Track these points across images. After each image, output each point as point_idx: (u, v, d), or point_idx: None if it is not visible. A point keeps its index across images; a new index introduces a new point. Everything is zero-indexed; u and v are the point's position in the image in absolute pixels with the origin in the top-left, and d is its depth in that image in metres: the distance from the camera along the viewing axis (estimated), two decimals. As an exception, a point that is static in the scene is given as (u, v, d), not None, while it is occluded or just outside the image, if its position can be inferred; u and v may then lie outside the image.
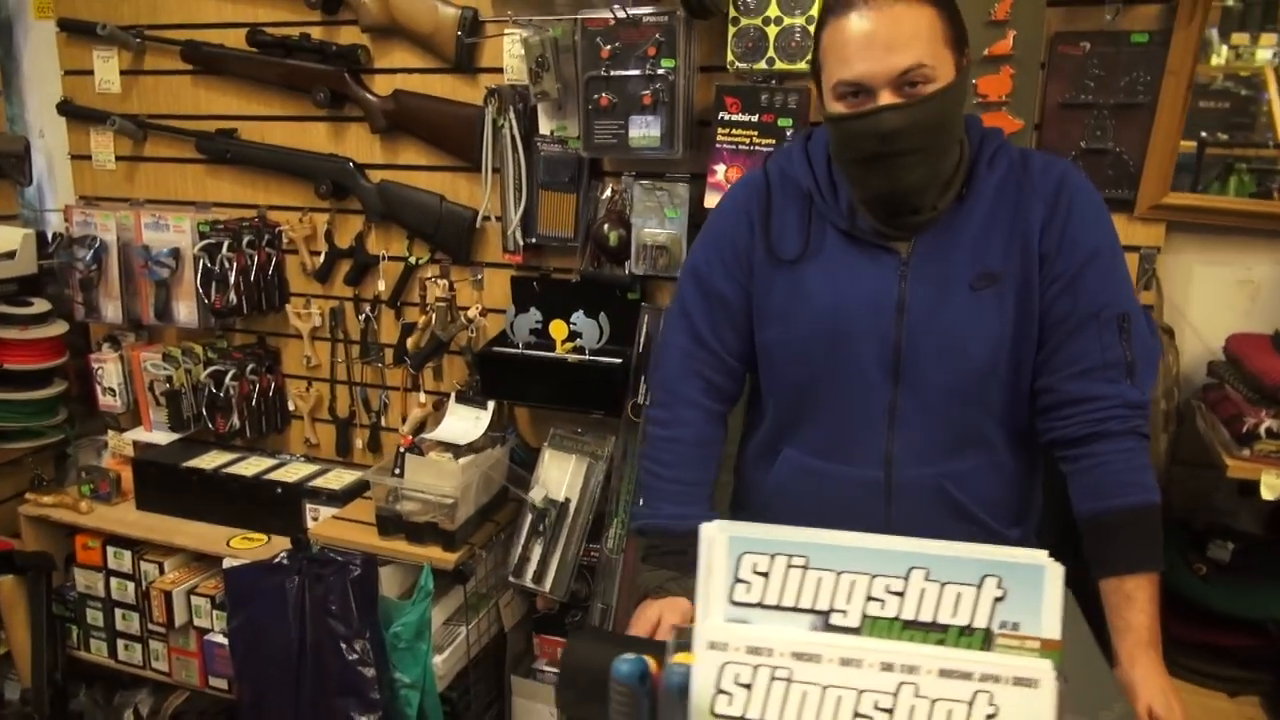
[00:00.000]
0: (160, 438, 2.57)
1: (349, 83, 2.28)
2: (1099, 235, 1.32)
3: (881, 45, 1.20)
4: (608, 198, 2.10)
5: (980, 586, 0.65)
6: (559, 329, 2.12)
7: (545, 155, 2.12)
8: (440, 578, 2.06)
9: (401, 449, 2.09)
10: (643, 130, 1.97)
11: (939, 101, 1.22)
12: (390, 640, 2.01)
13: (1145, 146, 1.79)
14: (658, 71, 1.94)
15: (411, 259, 2.36)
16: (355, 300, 2.45)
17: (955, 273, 1.32)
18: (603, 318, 2.09)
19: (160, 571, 2.42)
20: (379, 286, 2.41)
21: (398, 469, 2.08)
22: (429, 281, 2.33)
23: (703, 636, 0.68)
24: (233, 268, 2.37)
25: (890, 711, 0.64)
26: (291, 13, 2.33)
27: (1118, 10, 1.74)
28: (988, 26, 1.77)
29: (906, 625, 0.66)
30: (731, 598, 0.69)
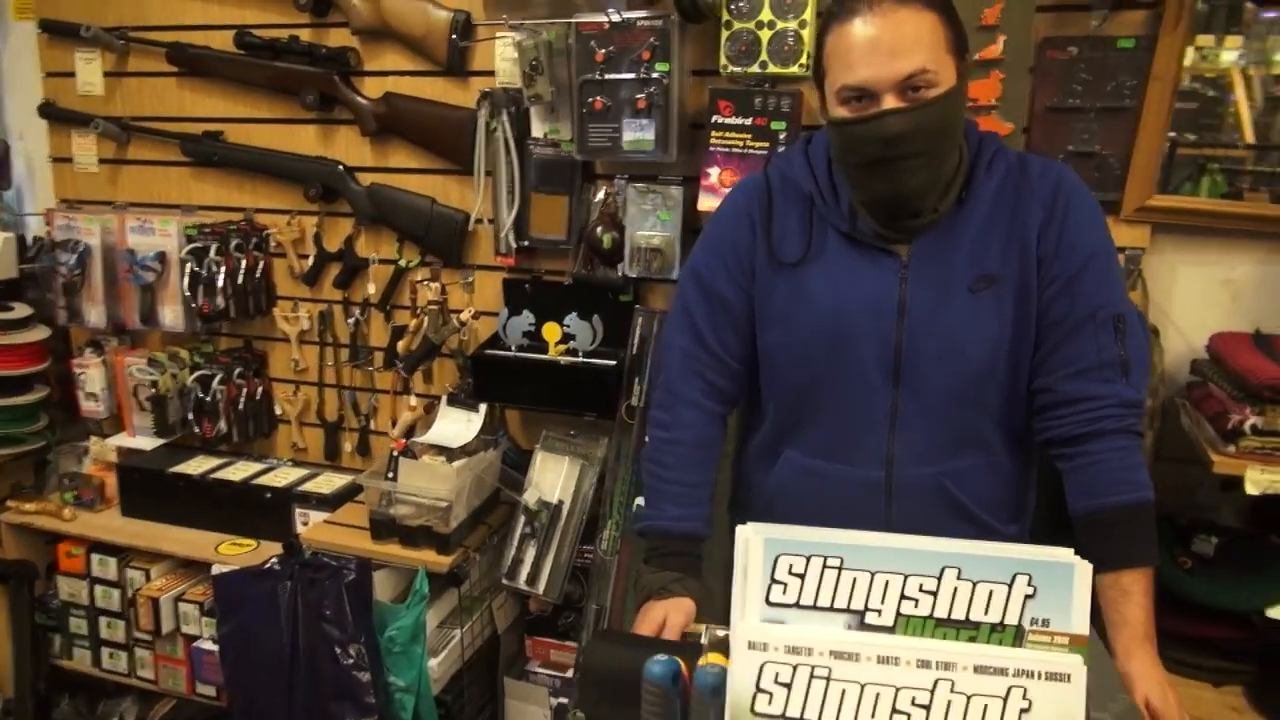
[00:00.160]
0: (144, 443, 2.54)
1: (339, 85, 2.27)
2: (1095, 238, 1.34)
3: (886, 51, 1.21)
4: (601, 200, 2.11)
5: (1011, 585, 0.67)
6: (552, 331, 2.13)
7: (538, 158, 2.13)
8: (434, 581, 2.05)
9: (395, 452, 2.09)
10: (637, 134, 1.98)
11: (942, 106, 1.24)
12: (385, 644, 2.01)
13: (1130, 150, 1.83)
14: (652, 75, 1.95)
15: (402, 262, 2.35)
16: (344, 303, 2.44)
17: (954, 275, 1.34)
18: (596, 320, 2.10)
19: (147, 578, 2.39)
20: (369, 290, 2.40)
21: (391, 472, 2.07)
22: (420, 285, 2.32)
23: (741, 637, 0.69)
24: (220, 271, 2.36)
25: (927, 708, 0.66)
26: (280, 15, 2.32)
27: (1104, 16, 1.78)
28: (978, 31, 1.80)
29: (939, 623, 0.68)
30: (768, 599, 0.70)
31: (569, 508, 2.13)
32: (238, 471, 2.45)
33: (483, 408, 2.22)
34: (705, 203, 1.99)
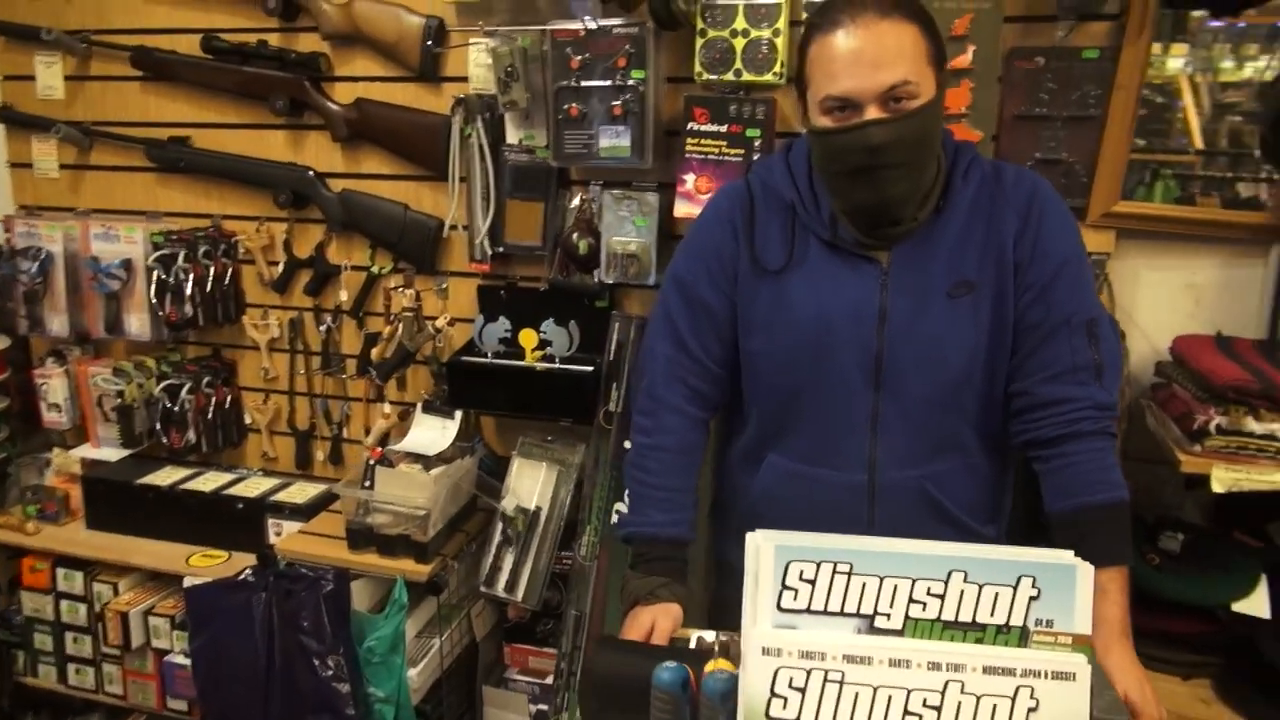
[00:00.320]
0: (109, 454, 2.50)
1: (309, 91, 2.25)
2: (1068, 245, 1.38)
3: (869, 62, 1.24)
4: (576, 207, 2.11)
5: (1016, 587, 0.69)
6: (528, 338, 2.12)
7: (513, 164, 2.13)
8: (412, 590, 2.04)
9: (371, 461, 2.07)
10: (612, 140, 1.99)
11: (922, 117, 1.26)
12: (364, 655, 1.99)
13: (1096, 157, 1.87)
14: (627, 82, 1.96)
15: (374, 269, 2.33)
16: (315, 311, 2.42)
17: (933, 282, 1.37)
18: (572, 326, 2.11)
19: (115, 592, 2.35)
20: (340, 296, 2.38)
21: (367, 481, 2.05)
22: (394, 291, 2.31)
23: (755, 643, 0.70)
24: (188, 279, 2.32)
25: (938, 709, 0.67)
26: (248, 19, 2.29)
27: (1070, 28, 1.82)
28: (948, 41, 1.81)
29: (947, 626, 0.69)
30: (779, 605, 0.71)
31: (547, 514, 2.13)
32: (207, 482, 2.41)
33: (458, 415, 2.22)
34: (681, 209, 2.00)
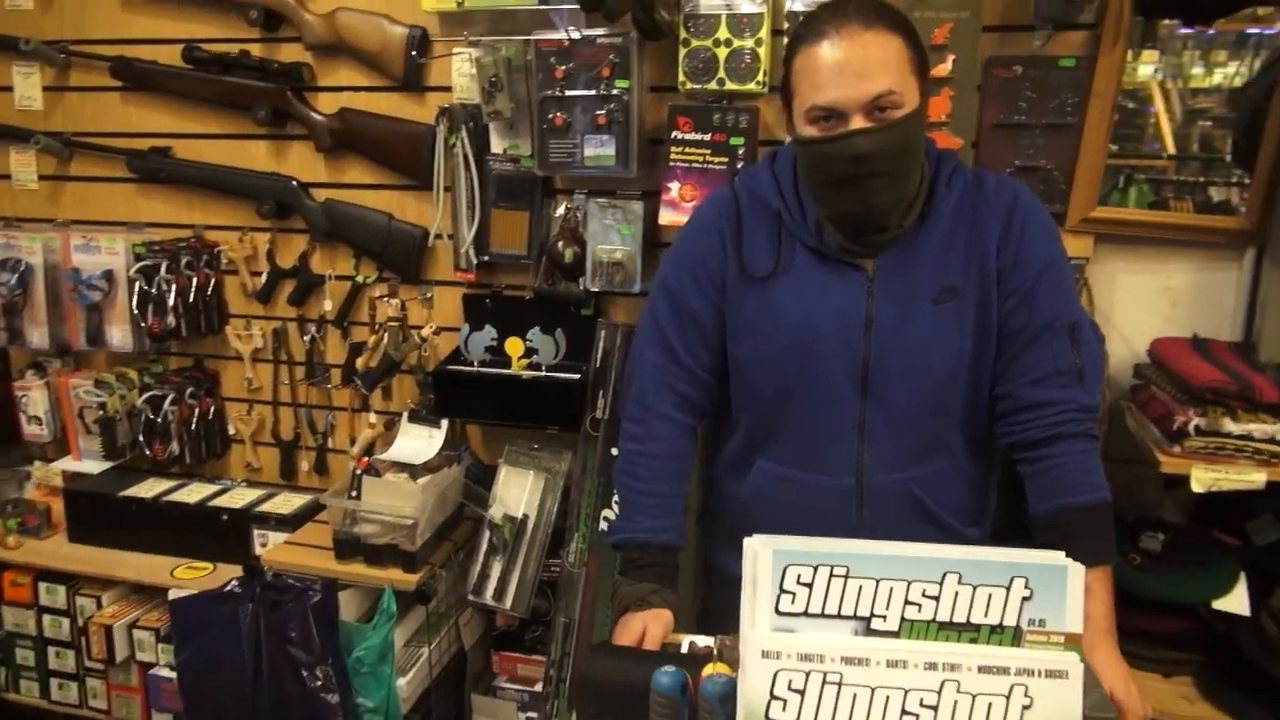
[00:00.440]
0: (91, 467, 2.48)
1: (291, 101, 2.25)
2: (1050, 252, 1.40)
3: (854, 73, 1.26)
4: (561, 215, 2.12)
5: (1009, 588, 0.70)
6: (515, 346, 2.13)
7: (498, 173, 2.14)
8: (401, 599, 2.04)
9: (358, 471, 2.07)
10: (597, 149, 2.00)
11: (907, 126, 1.28)
12: (353, 665, 1.99)
13: (1073, 164, 1.90)
14: (612, 92, 1.97)
15: (359, 278, 2.33)
16: (299, 321, 2.41)
17: (918, 289, 1.39)
18: (559, 334, 2.11)
19: (98, 606, 2.33)
20: (325, 306, 2.37)
21: (354, 491, 2.05)
22: (379, 301, 2.31)
23: (754, 646, 0.71)
24: (171, 290, 2.31)
25: (935, 708, 0.69)
26: (229, 29, 2.29)
27: (1047, 37, 1.85)
28: (928, 50, 1.85)
29: (942, 627, 0.71)
30: (777, 608, 0.72)
31: (534, 521, 2.13)
32: (192, 493, 2.40)
33: (444, 423, 2.22)
34: (666, 217, 2.02)
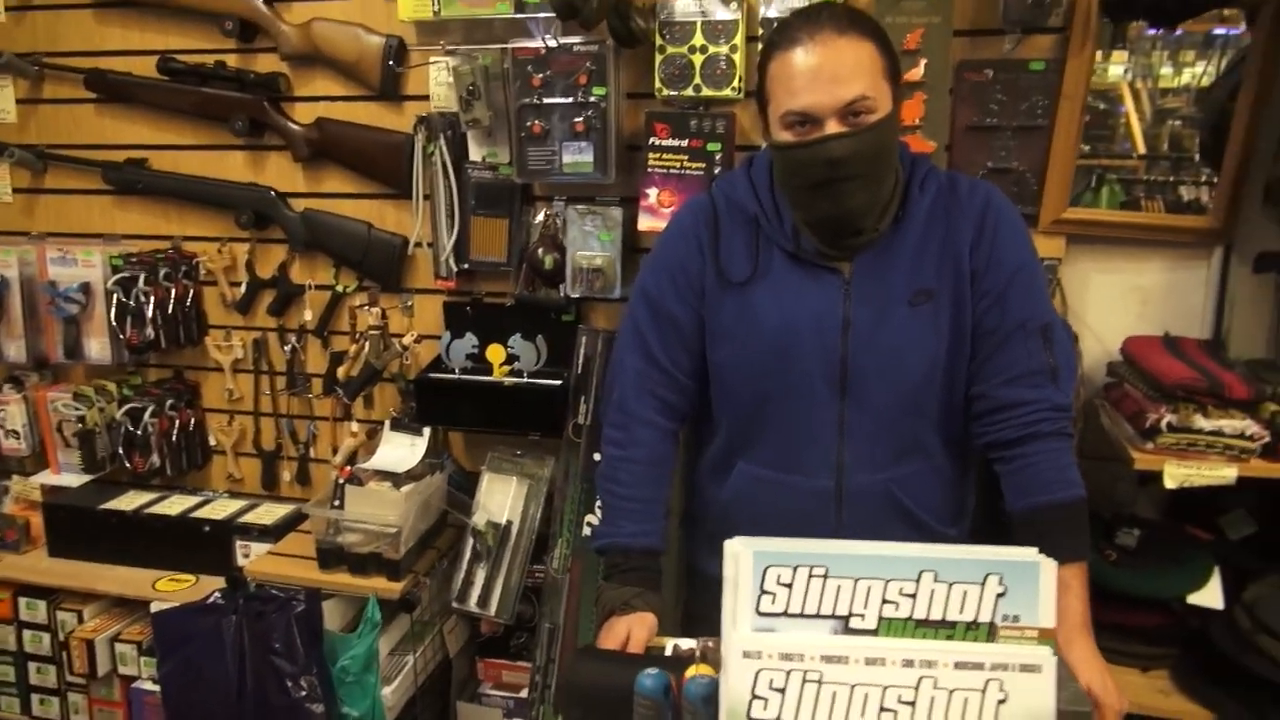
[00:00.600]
0: (71, 480, 2.47)
1: (269, 111, 2.25)
2: (1022, 253, 1.43)
3: (828, 78, 1.27)
4: (541, 222, 2.13)
5: (984, 584, 0.72)
6: (496, 353, 2.14)
7: (476, 181, 2.14)
8: (385, 607, 2.04)
9: (340, 480, 2.07)
10: (575, 156, 2.02)
11: (880, 130, 1.30)
12: (337, 675, 1.99)
13: (1045, 165, 1.93)
14: (589, 99, 1.98)
15: (339, 287, 2.33)
16: (279, 331, 2.41)
17: (894, 291, 1.41)
18: (540, 340, 2.12)
19: (79, 620, 2.32)
20: (305, 316, 2.37)
21: (337, 501, 2.05)
22: (359, 310, 2.31)
23: (736, 646, 0.73)
24: (149, 301, 2.30)
25: (912, 704, 0.70)
26: (205, 40, 2.29)
27: (1016, 40, 1.88)
28: (900, 55, 1.87)
29: (919, 624, 0.72)
30: (758, 609, 0.74)
31: (518, 528, 2.14)
32: (173, 505, 2.39)
33: (426, 431, 2.22)
34: (645, 223, 2.03)
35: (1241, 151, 1.83)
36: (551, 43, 1.98)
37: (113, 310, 2.30)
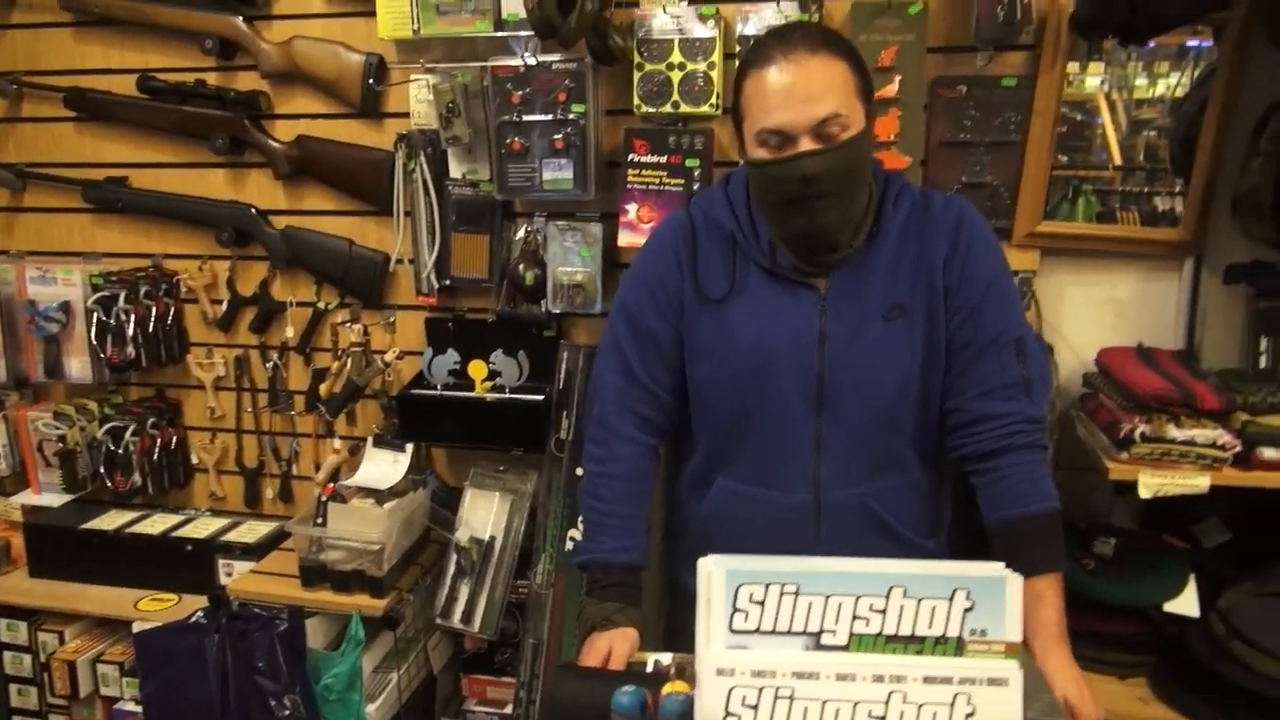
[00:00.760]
0: (52, 500, 2.46)
1: (249, 129, 2.25)
2: (994, 268, 1.45)
3: (801, 96, 1.29)
4: (521, 238, 2.14)
5: (951, 599, 0.73)
6: (478, 369, 2.15)
7: (457, 198, 2.16)
8: (368, 625, 2.04)
9: (323, 497, 2.07)
10: (555, 173, 2.03)
11: (853, 147, 1.32)
12: (321, 693, 1.98)
13: (1018, 180, 1.96)
14: (568, 116, 2.00)
15: (321, 304, 2.34)
16: (261, 348, 2.41)
17: (869, 307, 1.42)
18: (521, 356, 2.14)
19: (60, 641, 2.30)
20: (286, 333, 2.37)
21: (320, 518, 2.05)
22: (341, 327, 2.31)
23: (709, 664, 0.74)
24: (130, 320, 2.30)
25: (883, 718, 0.71)
26: (185, 58, 2.29)
27: (989, 57, 1.91)
28: (875, 72, 1.89)
29: (889, 640, 0.74)
30: (731, 626, 0.75)
31: (501, 543, 2.14)
32: (155, 524, 2.38)
33: (409, 448, 2.23)
34: (625, 238, 2.05)
35: (1210, 165, 1.86)
36: (531, 60, 2.00)
37: (93, 329, 2.30)
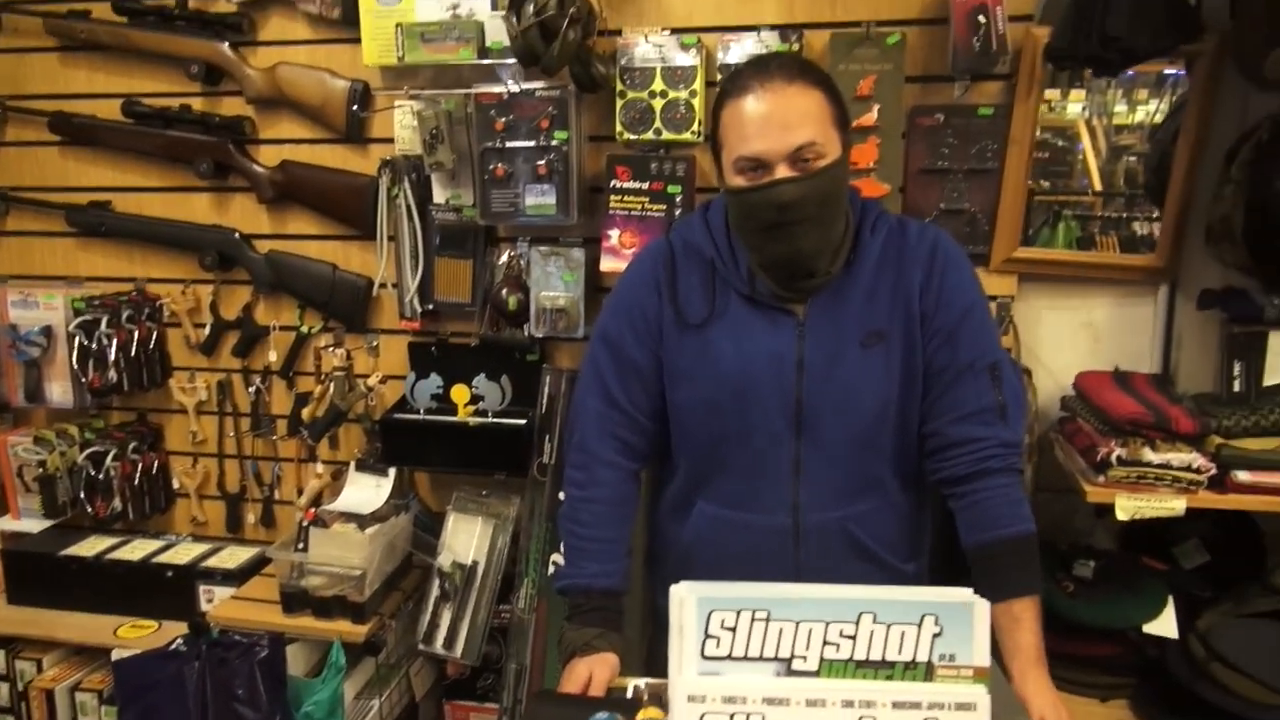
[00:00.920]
0: (31, 525, 2.44)
1: (233, 154, 2.26)
2: (969, 294, 1.46)
3: (777, 125, 1.31)
4: (504, 263, 2.16)
5: (920, 625, 0.74)
6: (460, 393, 2.15)
7: (440, 223, 2.17)
8: (350, 651, 2.03)
9: (304, 523, 2.06)
10: (538, 198, 2.05)
11: (829, 175, 1.34)
12: (301, 720, 1.97)
13: (996, 207, 1.98)
14: (551, 142, 2.02)
15: (304, 329, 2.34)
16: (244, 372, 2.41)
17: (847, 333, 1.44)
18: (504, 380, 2.14)
19: (38, 669, 2.28)
20: (269, 357, 2.37)
21: (301, 543, 2.04)
22: (324, 351, 2.31)
23: (681, 691, 0.74)
24: (112, 344, 2.29)
25: (852, 744, 0.72)
26: (170, 84, 2.30)
27: (965, 87, 1.94)
28: (854, 101, 1.93)
29: (859, 665, 0.74)
30: (703, 653, 0.75)
31: (484, 568, 2.14)
32: (135, 550, 2.37)
33: (392, 472, 2.22)
34: (607, 263, 2.06)
35: (1183, 192, 1.90)
36: (514, 88, 2.02)
37: (74, 353, 2.29)
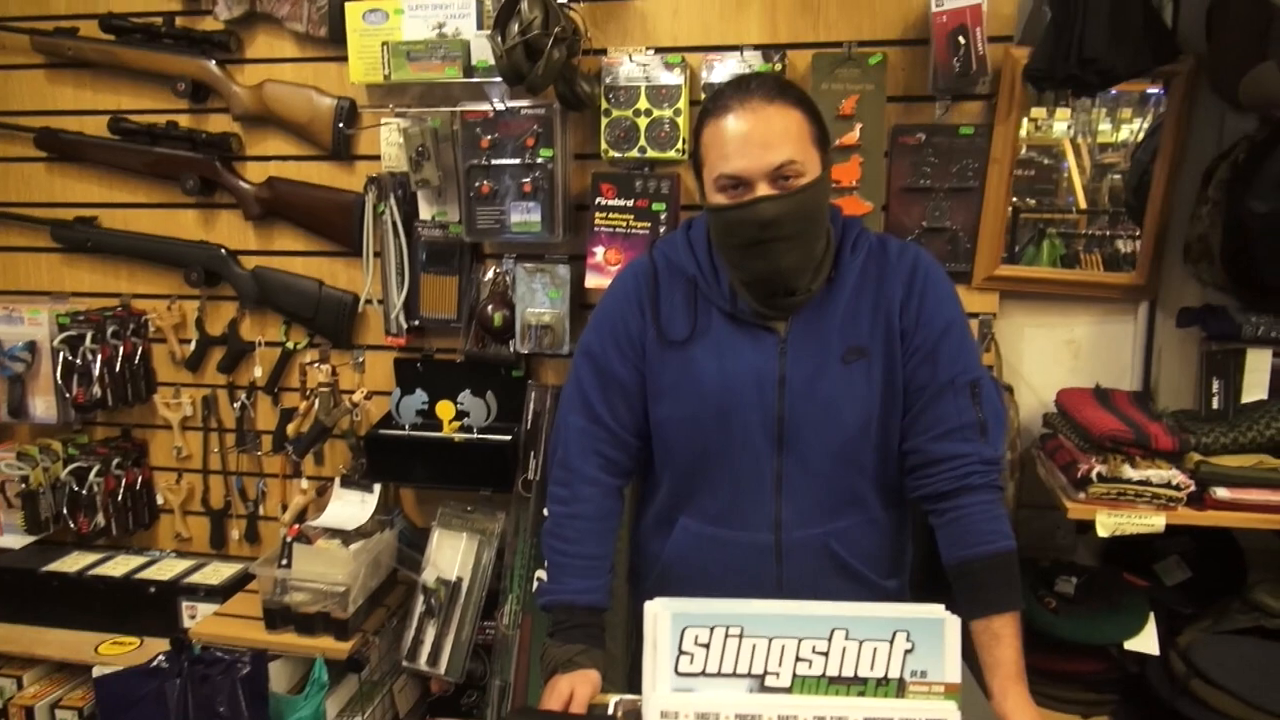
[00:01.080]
0: (13, 541, 2.43)
1: (220, 170, 2.27)
2: (949, 312, 1.48)
3: (758, 144, 1.33)
4: (490, 280, 2.16)
5: (892, 642, 0.75)
6: (446, 409, 2.15)
7: (426, 240, 2.17)
8: (333, 668, 2.02)
9: (288, 538, 2.05)
10: (524, 216, 2.06)
11: (809, 193, 1.36)
12: (283, 738, 1.96)
13: (977, 225, 2.00)
14: (537, 160, 2.03)
15: (289, 344, 2.34)
16: (229, 388, 2.41)
17: (828, 350, 1.45)
18: (490, 396, 2.14)
19: (19, 686, 2.26)
20: (255, 373, 2.37)
21: (285, 559, 2.04)
22: (309, 367, 2.31)
23: (654, 707, 0.74)
24: (96, 360, 2.29)
25: (825, 760, 0.72)
26: (156, 100, 2.31)
27: (946, 107, 1.96)
28: (837, 120, 1.95)
29: (831, 681, 0.75)
30: (676, 669, 0.76)
31: (468, 584, 2.13)
32: (117, 566, 2.36)
33: (377, 488, 2.22)
34: (592, 280, 2.07)
35: (1161, 211, 1.92)
36: (500, 106, 2.03)
37: (58, 369, 2.29)
